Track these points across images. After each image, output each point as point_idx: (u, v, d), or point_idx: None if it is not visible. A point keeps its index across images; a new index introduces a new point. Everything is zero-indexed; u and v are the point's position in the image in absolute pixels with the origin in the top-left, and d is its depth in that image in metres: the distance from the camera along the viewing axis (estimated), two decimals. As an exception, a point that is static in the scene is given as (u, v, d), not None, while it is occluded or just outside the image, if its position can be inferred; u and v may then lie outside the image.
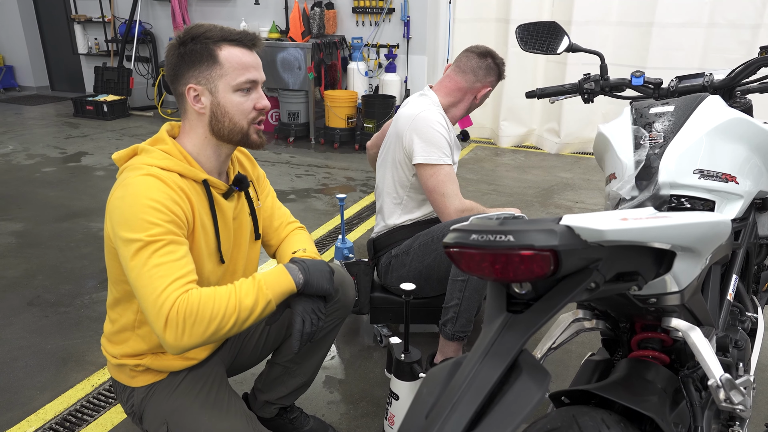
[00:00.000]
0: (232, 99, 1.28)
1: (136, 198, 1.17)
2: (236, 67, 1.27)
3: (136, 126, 6.11)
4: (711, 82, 1.54)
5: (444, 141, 1.97)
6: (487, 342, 0.72)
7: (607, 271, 0.78)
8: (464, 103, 2.09)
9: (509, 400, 0.65)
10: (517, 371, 0.68)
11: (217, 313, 1.16)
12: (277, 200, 1.62)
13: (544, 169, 4.77)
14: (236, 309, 1.18)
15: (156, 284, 1.14)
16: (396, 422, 1.67)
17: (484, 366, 0.68)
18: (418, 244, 1.97)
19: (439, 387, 0.70)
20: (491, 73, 2.07)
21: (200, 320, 1.14)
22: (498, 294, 0.79)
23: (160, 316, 1.13)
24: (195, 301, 1.15)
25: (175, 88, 1.31)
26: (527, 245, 0.68)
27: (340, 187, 4.26)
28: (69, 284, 2.73)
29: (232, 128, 1.30)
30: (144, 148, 1.29)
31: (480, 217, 0.82)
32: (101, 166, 4.66)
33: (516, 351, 0.70)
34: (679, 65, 4.58)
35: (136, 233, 1.15)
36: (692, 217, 0.81)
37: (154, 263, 1.15)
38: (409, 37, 5.37)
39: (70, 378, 2.06)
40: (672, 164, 1.21)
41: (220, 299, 1.17)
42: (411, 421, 0.66)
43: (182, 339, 1.14)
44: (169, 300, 1.14)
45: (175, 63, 1.27)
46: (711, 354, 0.99)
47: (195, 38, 1.25)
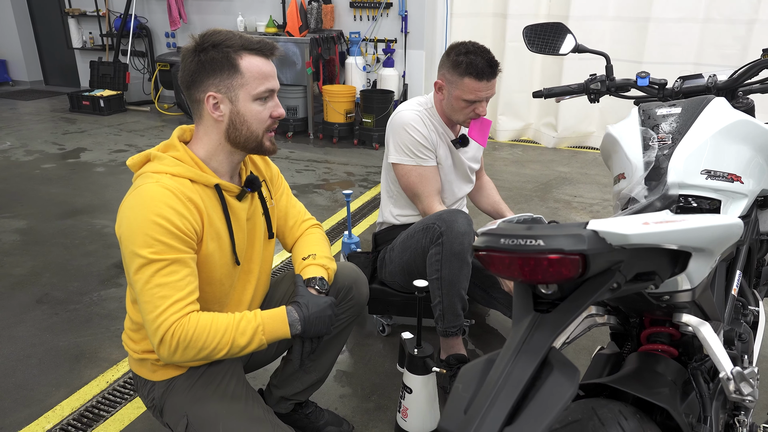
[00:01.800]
0: (252, 108, 1.31)
1: (143, 211, 1.21)
2: (257, 76, 1.29)
3: (133, 121, 6.10)
4: (714, 83, 1.58)
5: (416, 142, 1.97)
6: (518, 341, 0.76)
7: (628, 272, 0.83)
8: (449, 104, 1.95)
9: (543, 396, 0.69)
10: (548, 368, 0.73)
11: (209, 344, 1.24)
12: (292, 197, 1.65)
13: (542, 164, 4.82)
14: (229, 344, 1.27)
15: (156, 303, 1.21)
16: (409, 415, 1.72)
17: (517, 363, 0.73)
18: (399, 240, 2.02)
19: (474, 383, 0.74)
20: (456, 70, 1.89)
21: (192, 347, 1.23)
22: (524, 294, 0.83)
23: (156, 334, 1.22)
24: (191, 329, 1.23)
25: (191, 94, 1.32)
26: (557, 249, 0.72)
27: (340, 182, 4.29)
28: (77, 281, 2.75)
29: (249, 136, 1.33)
30: (156, 155, 1.31)
31: (506, 221, 0.86)
32: (101, 162, 4.67)
33: (546, 349, 0.74)
34: (676, 60, 4.64)
35: (142, 249, 1.21)
36: (708, 219, 0.85)
37: (157, 282, 1.21)
38: (406, 31, 5.39)
39: (84, 375, 2.09)
40: (680, 165, 1.25)
41: (215, 331, 1.25)
42: (450, 416, 0.71)
43: (173, 357, 1.24)
44: (167, 323, 1.21)
45: (194, 69, 1.28)
46: (720, 348, 1.04)
47: (216, 46, 1.26)
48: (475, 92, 1.88)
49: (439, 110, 2.03)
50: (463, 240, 1.78)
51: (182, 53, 1.31)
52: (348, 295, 1.61)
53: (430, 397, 1.71)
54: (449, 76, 1.92)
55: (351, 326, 1.67)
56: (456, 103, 1.93)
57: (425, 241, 1.86)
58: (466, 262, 1.80)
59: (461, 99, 1.90)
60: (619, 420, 0.93)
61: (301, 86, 5.43)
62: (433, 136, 2.01)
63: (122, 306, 2.54)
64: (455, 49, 1.91)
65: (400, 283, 2.09)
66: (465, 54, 1.87)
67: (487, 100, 1.94)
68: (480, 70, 1.85)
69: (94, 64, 6.59)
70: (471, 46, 1.90)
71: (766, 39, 4.26)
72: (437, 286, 1.84)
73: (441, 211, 1.87)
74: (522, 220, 1.00)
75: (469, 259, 1.81)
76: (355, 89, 5.35)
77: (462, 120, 1.98)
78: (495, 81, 1.93)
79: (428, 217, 1.90)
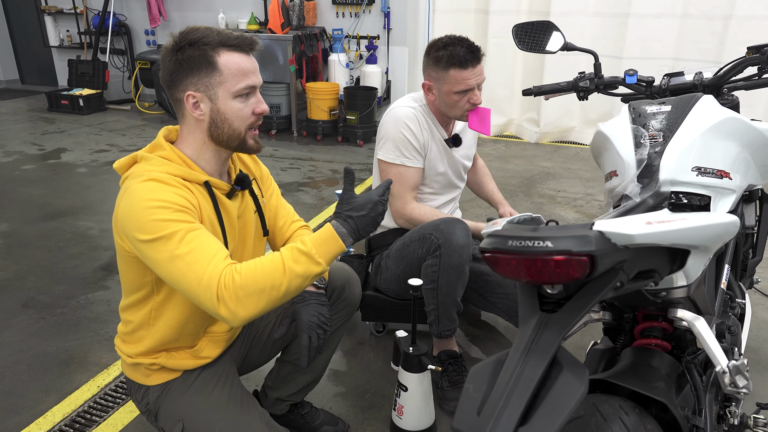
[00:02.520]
0: (232, 105, 1.28)
1: (141, 202, 1.19)
2: (235, 73, 1.26)
3: (114, 120, 6.00)
4: (701, 81, 1.62)
5: (405, 140, 1.93)
6: (527, 341, 0.77)
7: (631, 271, 0.84)
8: (442, 101, 1.92)
9: (555, 396, 0.70)
10: (557, 367, 0.74)
11: (267, 282, 1.15)
12: (282, 198, 1.64)
13: (526, 159, 4.86)
14: (287, 276, 1.17)
15: (196, 269, 1.15)
16: (405, 413, 1.73)
17: (527, 364, 0.74)
18: (395, 248, 1.99)
19: (485, 384, 0.75)
20: (439, 66, 1.86)
21: (252, 291, 1.14)
22: (530, 294, 0.84)
23: (211, 299, 1.14)
24: (240, 274, 1.15)
25: (172, 94, 1.30)
26: (565, 251, 0.73)
27: (326, 180, 4.28)
28: (62, 285, 2.71)
29: (231, 134, 1.30)
30: (143, 156, 1.29)
31: (509, 221, 0.87)
32: (82, 163, 4.59)
33: (555, 348, 0.76)
34: (655, 55, 4.71)
35: (154, 234, 1.17)
36: (708, 218, 0.87)
37: (185, 251, 1.16)
38: (389, 28, 5.38)
39: (74, 380, 2.06)
40: (672, 162, 1.28)
41: (266, 268, 1.17)
42: (463, 417, 0.72)
43: (238, 312, 1.14)
44: (214, 280, 1.14)
45: (173, 69, 1.26)
46: (715, 342, 1.07)
47: (192, 44, 1.24)
48: (464, 81, 1.84)
49: (433, 110, 2.00)
50: (462, 253, 1.76)
51: (162, 52, 1.29)
52: (341, 295, 1.61)
53: (425, 394, 1.73)
54: (434, 74, 1.89)
55: (345, 326, 1.68)
56: (448, 98, 1.88)
57: (421, 252, 1.83)
58: (464, 273, 1.79)
59: (452, 93, 1.86)
60: (620, 415, 0.95)
61: (284, 84, 5.39)
62: (426, 135, 1.98)
63: (110, 309, 2.51)
64: (433, 46, 1.89)
65: (395, 291, 2.06)
66: (443, 48, 1.85)
67: (479, 87, 1.89)
68: (462, 59, 1.82)
69: (72, 62, 6.47)
70: (447, 39, 1.87)
71: (741, 34, 4.34)
72: (432, 295, 1.83)
73: (438, 221, 1.84)
74: (522, 219, 1.02)
75: (467, 270, 1.79)
76: (338, 86, 5.34)
77: (460, 114, 1.92)
78: (481, 66, 1.88)
79: (424, 226, 1.88)
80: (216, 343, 1.47)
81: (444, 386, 1.90)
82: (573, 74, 1.95)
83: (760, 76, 1.60)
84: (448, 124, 2.05)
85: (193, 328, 1.42)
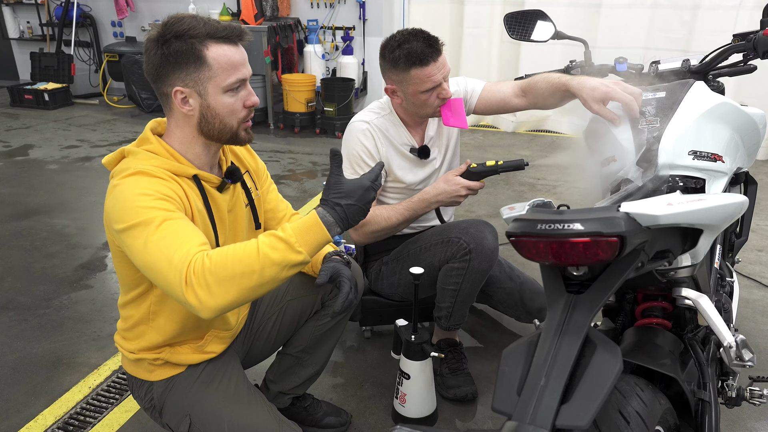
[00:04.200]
0: (223, 100, 1.24)
1: (125, 193, 1.16)
2: (225, 67, 1.22)
3: (82, 115, 5.82)
4: (688, 68, 1.66)
5: (357, 156, 1.83)
6: (557, 322, 0.79)
7: (650, 251, 0.87)
8: (410, 103, 1.79)
9: (593, 374, 0.72)
10: (591, 346, 0.76)
11: (239, 268, 1.06)
12: (279, 194, 1.62)
13: (503, 148, 4.92)
14: (261, 263, 1.07)
15: (167, 253, 1.08)
16: (407, 400, 1.74)
17: (562, 344, 0.76)
18: (407, 252, 1.91)
19: (520, 365, 0.76)
20: (398, 68, 1.72)
21: (222, 278, 1.06)
22: (555, 277, 0.86)
23: (179, 282, 1.06)
24: (211, 258, 1.07)
25: (158, 88, 1.26)
26: (595, 232, 0.75)
27: (307, 172, 4.25)
28: (42, 285, 2.63)
29: (222, 129, 1.27)
30: (130, 150, 1.26)
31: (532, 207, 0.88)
32: (53, 159, 4.44)
33: (587, 328, 0.77)
34: (626, 45, 4.80)
35: (132, 220, 1.13)
36: (722, 198, 0.91)
37: (159, 237, 1.10)
38: (365, 18, 5.35)
39: (64, 381, 2.01)
40: (670, 146, 1.31)
41: (239, 253, 1.08)
42: (503, 397, 0.73)
43: (208, 300, 1.06)
44: (184, 262, 1.07)
45: (158, 63, 1.21)
46: (720, 318, 1.11)
47: (179, 36, 1.18)
48: (428, 79, 1.70)
49: (402, 114, 1.87)
50: (492, 257, 1.74)
51: (145, 43, 1.24)
52: None
53: (427, 381, 1.74)
54: (395, 77, 1.74)
55: (347, 318, 1.67)
56: (416, 99, 1.75)
57: (445, 255, 1.77)
58: (487, 275, 1.79)
59: (419, 93, 1.72)
60: (636, 391, 0.98)
61: (260, 76, 5.31)
62: (383, 149, 1.85)
63: (95, 308, 2.45)
64: (387, 47, 1.74)
65: (401, 294, 1.99)
66: (398, 47, 1.69)
67: (446, 79, 1.76)
68: (421, 55, 1.67)
69: (35, 55, 6.24)
70: (400, 36, 1.72)
71: (709, 23, 4.47)
72: (452, 295, 1.80)
73: (464, 224, 1.78)
74: (536, 204, 1.03)
75: (489, 272, 1.78)
76: (315, 78, 5.29)
77: (432, 112, 1.80)
78: (443, 56, 1.73)
79: (448, 229, 1.80)
80: (221, 338, 1.45)
81: (444, 373, 1.92)
82: (547, 65, 1.94)
83: (745, 63, 1.65)
84: (420, 125, 1.91)
85: (195, 322, 1.39)
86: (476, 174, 1.75)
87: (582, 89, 1.52)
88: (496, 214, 3.48)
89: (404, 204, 1.84)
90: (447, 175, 1.79)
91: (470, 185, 1.75)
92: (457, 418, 1.85)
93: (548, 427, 0.69)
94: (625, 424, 0.87)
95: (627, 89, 1.44)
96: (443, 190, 1.77)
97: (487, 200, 3.65)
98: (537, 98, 1.81)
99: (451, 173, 1.79)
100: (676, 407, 1.12)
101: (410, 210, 1.82)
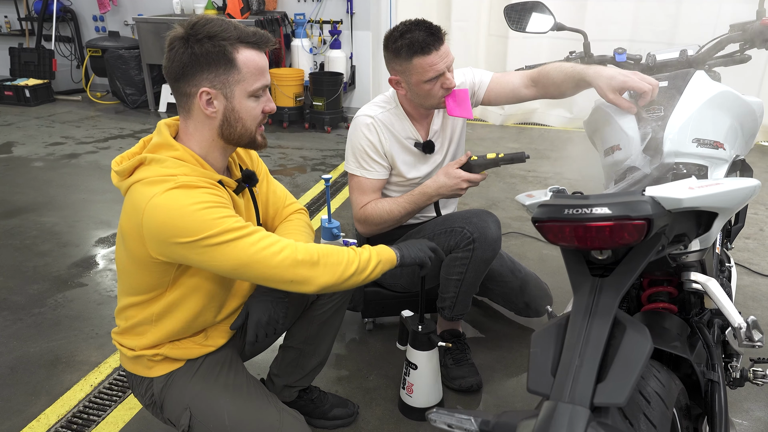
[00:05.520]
0: (247, 105, 1.26)
1: (182, 208, 1.15)
2: (254, 72, 1.24)
3: (65, 112, 5.72)
4: (686, 58, 1.69)
5: (363, 151, 1.84)
6: (585, 304, 0.81)
7: (670, 235, 0.89)
8: (414, 94, 1.79)
9: (625, 353, 0.74)
10: (620, 328, 0.78)
11: (337, 259, 1.28)
12: (273, 182, 1.59)
13: (492, 141, 4.95)
14: (356, 258, 1.31)
15: (273, 251, 1.21)
16: (415, 390, 1.75)
17: (592, 326, 0.77)
18: None
19: (551, 348, 0.78)
20: (400, 57, 1.74)
21: (331, 261, 1.27)
22: (579, 261, 0.87)
23: (289, 265, 1.22)
24: (315, 248, 1.27)
25: (179, 87, 1.24)
26: (623, 216, 0.76)
27: (297, 167, 4.24)
28: (35, 284, 2.59)
29: (243, 133, 1.29)
30: (153, 158, 1.23)
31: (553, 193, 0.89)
32: (38, 157, 4.36)
33: (615, 310, 0.79)
34: (613, 37, 4.85)
35: (207, 231, 1.16)
36: (739, 182, 0.93)
37: (259, 246, 1.20)
38: (352, 12, 5.33)
39: (64, 380, 1.99)
40: (675, 134, 1.34)
41: (335, 249, 1.30)
42: (538, 378, 0.74)
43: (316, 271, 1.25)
44: (288, 248, 1.23)
45: (186, 62, 1.20)
46: (729, 301, 1.14)
47: (211, 37, 1.19)
48: (431, 68, 1.70)
49: (408, 106, 1.87)
50: (495, 246, 1.76)
51: (169, 41, 1.23)
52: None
53: (434, 371, 1.76)
54: (399, 67, 1.76)
55: (345, 306, 1.66)
56: (420, 89, 1.75)
57: (449, 245, 1.78)
58: (490, 265, 1.80)
59: (422, 82, 1.73)
60: (653, 373, 1.00)
61: (247, 70, 5.26)
62: (387, 143, 1.86)
63: (91, 306, 2.42)
64: (390, 38, 1.75)
65: (404, 285, 2.01)
66: (401, 36, 1.71)
67: (450, 68, 1.76)
68: (424, 43, 1.68)
69: (14, 50, 6.11)
70: (403, 26, 1.73)
71: (694, 15, 4.54)
72: (456, 285, 1.82)
73: (467, 214, 1.80)
74: (554, 191, 1.05)
75: (492, 261, 1.80)
76: (303, 72, 5.26)
77: (437, 102, 1.80)
78: (446, 46, 1.74)
79: (451, 219, 1.82)
80: (221, 332, 1.45)
81: (448, 364, 1.93)
82: (535, 58, 1.93)
83: (742, 53, 1.68)
84: (425, 118, 1.92)
85: (203, 323, 1.40)
86: (477, 166, 1.77)
87: (599, 78, 1.53)
88: (489, 205, 3.51)
89: (405, 197, 1.85)
90: (447, 168, 1.79)
91: (471, 178, 1.76)
92: (462, 408, 1.87)
93: (587, 404, 0.70)
94: (646, 404, 0.89)
95: (645, 79, 1.45)
96: (444, 183, 1.78)
97: (479, 192, 3.67)
98: (549, 88, 1.80)
99: (451, 166, 1.79)
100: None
101: (412, 203, 1.83)
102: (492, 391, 1.93)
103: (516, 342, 2.18)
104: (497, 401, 1.89)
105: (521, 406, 1.86)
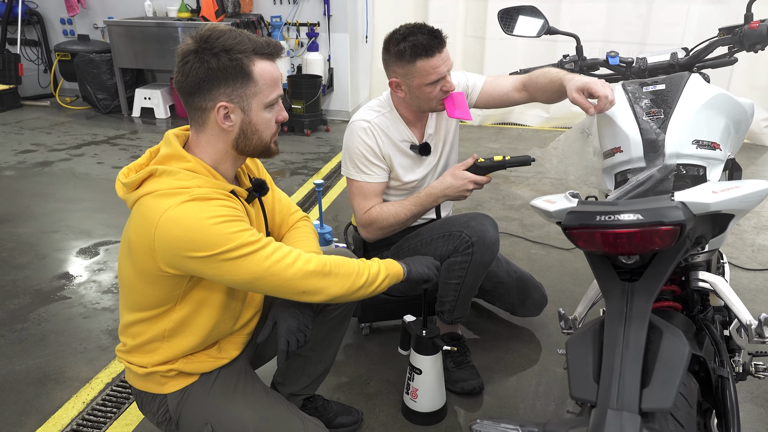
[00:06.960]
0: (264, 116, 1.25)
1: (198, 222, 1.13)
2: (269, 83, 1.23)
3: (33, 118, 5.53)
4: (677, 60, 1.73)
5: (361, 155, 1.84)
6: (618, 309, 0.81)
7: (693, 237, 0.91)
8: (414, 96, 1.79)
9: (665, 357, 0.75)
10: (655, 332, 0.79)
11: (348, 270, 1.31)
12: (277, 190, 1.58)
13: (472, 141, 4.98)
14: (366, 269, 1.35)
15: (290, 262, 1.22)
16: (419, 395, 1.75)
17: (630, 331, 0.78)
18: (408, 246, 1.91)
19: (589, 353, 0.78)
20: (403, 60, 1.74)
21: (342, 272, 1.30)
22: (606, 266, 0.88)
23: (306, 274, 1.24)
24: (326, 259, 1.29)
25: (194, 102, 1.21)
26: (657, 221, 0.77)
27: (279, 172, 4.19)
28: (16, 298, 2.50)
29: (258, 144, 1.28)
30: (165, 170, 1.20)
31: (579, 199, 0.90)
32: (8, 165, 4.21)
33: (648, 314, 0.80)
34: (587, 38, 4.85)
35: (224, 245, 1.15)
36: (756, 185, 0.95)
37: (276, 256, 1.21)
38: (329, 14, 5.30)
39: (55, 398, 1.92)
40: (675, 136, 1.37)
41: (346, 260, 1.33)
42: (581, 385, 0.75)
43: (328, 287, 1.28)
44: (303, 257, 1.25)
45: (202, 77, 1.17)
46: (737, 298, 1.17)
47: (227, 50, 1.17)
48: (434, 71, 1.72)
49: (403, 109, 1.87)
50: (494, 249, 1.77)
51: (181, 55, 1.19)
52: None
53: (438, 375, 1.76)
54: (400, 70, 1.76)
55: (350, 315, 1.67)
56: (421, 92, 1.76)
57: (448, 249, 1.78)
58: (489, 267, 1.81)
59: (424, 85, 1.74)
60: None
61: (224, 73, 5.19)
62: (385, 147, 1.86)
63: (78, 320, 2.35)
64: (391, 40, 1.76)
65: (401, 289, 1.92)
66: (404, 39, 1.72)
67: (449, 72, 1.78)
68: (427, 47, 1.70)
69: (-23, 55, 5.88)
70: (405, 29, 1.74)
71: (665, 16, 4.66)
72: (455, 289, 1.82)
73: (464, 217, 1.81)
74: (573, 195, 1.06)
75: (491, 264, 1.81)
76: (281, 75, 5.21)
77: (435, 105, 1.81)
78: (447, 50, 1.76)
79: (448, 223, 1.82)
80: (234, 343, 1.43)
81: (449, 367, 1.93)
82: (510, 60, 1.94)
83: (731, 56, 1.73)
84: (420, 121, 1.92)
85: (219, 334, 1.38)
86: (483, 169, 1.78)
87: (570, 81, 1.61)
88: (475, 206, 3.53)
89: (411, 199, 1.85)
90: (454, 170, 1.80)
91: (477, 180, 1.77)
92: (465, 410, 1.88)
93: (636, 410, 0.71)
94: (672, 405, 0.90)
95: (606, 86, 1.51)
96: (450, 184, 1.78)
97: (464, 193, 3.69)
98: (537, 92, 1.86)
99: (458, 167, 1.80)
100: None
101: (417, 205, 1.83)
102: (493, 393, 1.94)
103: (513, 342, 2.20)
104: (499, 403, 1.90)
105: (523, 407, 1.87)
